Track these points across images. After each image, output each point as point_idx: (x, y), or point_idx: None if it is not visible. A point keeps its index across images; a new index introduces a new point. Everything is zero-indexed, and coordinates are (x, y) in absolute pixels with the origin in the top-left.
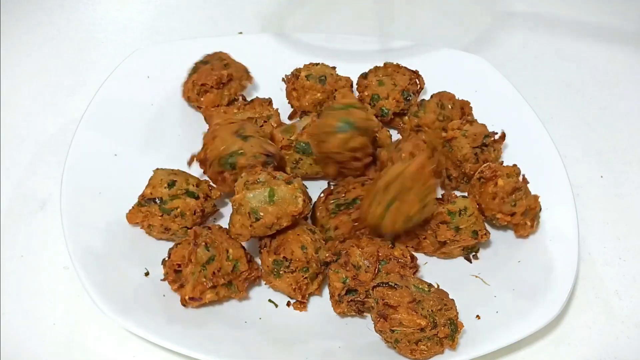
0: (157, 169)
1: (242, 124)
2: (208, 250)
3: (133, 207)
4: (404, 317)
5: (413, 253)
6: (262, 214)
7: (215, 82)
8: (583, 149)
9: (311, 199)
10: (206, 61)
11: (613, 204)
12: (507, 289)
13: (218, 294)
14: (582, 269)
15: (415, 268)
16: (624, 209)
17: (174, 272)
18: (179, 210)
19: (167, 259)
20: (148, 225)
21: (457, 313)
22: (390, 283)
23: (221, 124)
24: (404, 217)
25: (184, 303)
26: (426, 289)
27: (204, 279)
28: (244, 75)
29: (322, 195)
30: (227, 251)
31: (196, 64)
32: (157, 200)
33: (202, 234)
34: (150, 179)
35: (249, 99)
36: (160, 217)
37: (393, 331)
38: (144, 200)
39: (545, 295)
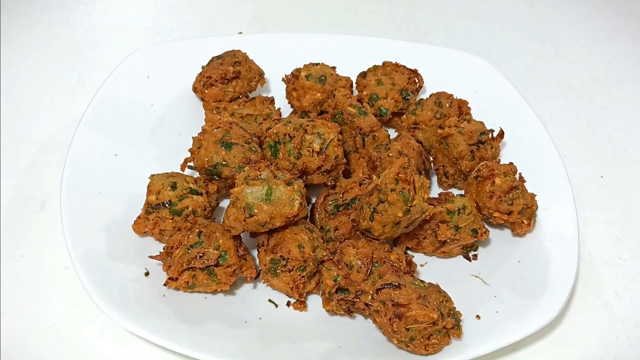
0: (152, 175)
1: (228, 129)
2: (199, 237)
3: (139, 217)
4: (418, 312)
5: (412, 258)
6: (256, 211)
7: (220, 77)
8: (583, 148)
9: (310, 202)
10: (221, 56)
11: (613, 204)
12: (507, 289)
13: (196, 277)
14: (582, 269)
15: (411, 273)
16: (624, 209)
17: (167, 254)
18: (190, 209)
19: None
20: (159, 232)
21: (453, 303)
22: (393, 283)
23: (207, 130)
24: (391, 222)
25: (165, 283)
26: (422, 285)
27: (184, 261)
28: (256, 76)
29: (320, 196)
30: (218, 241)
31: (212, 58)
32: (166, 204)
33: (203, 223)
34: (149, 186)
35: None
36: (171, 220)
37: (408, 330)
38: (151, 207)
39: (545, 295)
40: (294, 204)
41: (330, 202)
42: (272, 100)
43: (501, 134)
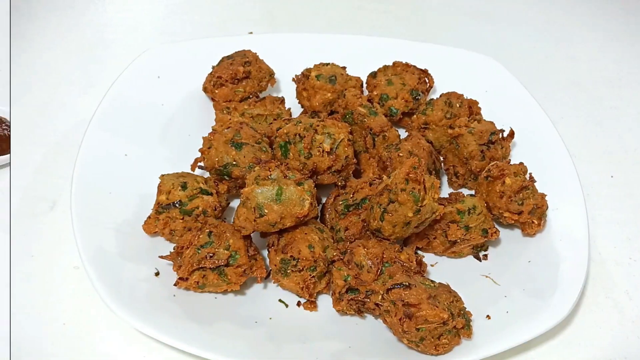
0: (163, 175)
1: (238, 129)
2: (209, 237)
3: (149, 217)
4: (429, 312)
5: (422, 258)
6: (266, 211)
7: (230, 77)
8: (593, 148)
9: (320, 202)
10: (231, 56)
11: (623, 204)
12: (518, 289)
13: (206, 277)
14: (592, 269)
15: (421, 273)
16: (634, 209)
17: (177, 254)
18: (200, 209)
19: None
20: (170, 232)
21: (464, 303)
22: (404, 283)
23: (217, 130)
24: (401, 222)
25: (176, 282)
26: (433, 284)
27: (194, 260)
28: (266, 76)
29: (330, 196)
30: (228, 241)
31: (222, 58)
32: (176, 204)
33: (213, 223)
34: (159, 186)
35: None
36: (181, 220)
37: (419, 330)
38: (161, 207)
39: (556, 295)
40: (304, 204)
41: (340, 202)
42: (282, 100)
43: (511, 134)
